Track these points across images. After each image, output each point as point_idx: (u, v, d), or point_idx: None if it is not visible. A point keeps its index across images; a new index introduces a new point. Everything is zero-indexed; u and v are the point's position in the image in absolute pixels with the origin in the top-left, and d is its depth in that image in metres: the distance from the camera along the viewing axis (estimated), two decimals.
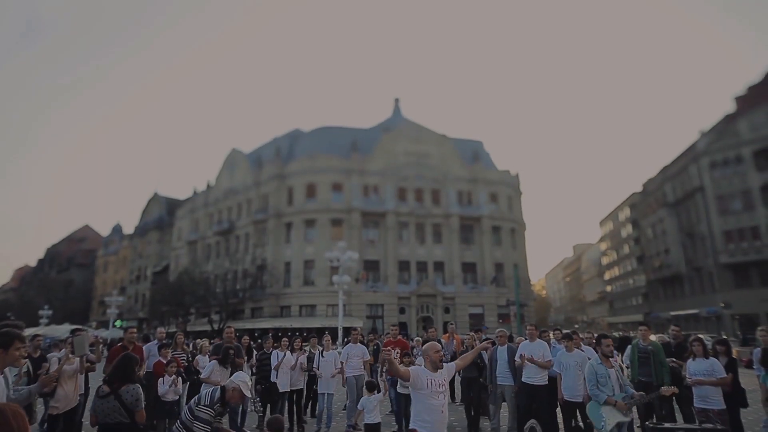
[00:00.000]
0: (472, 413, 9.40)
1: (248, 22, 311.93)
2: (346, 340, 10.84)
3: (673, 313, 53.96)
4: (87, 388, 8.79)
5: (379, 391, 8.22)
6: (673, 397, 8.63)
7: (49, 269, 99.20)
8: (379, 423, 7.71)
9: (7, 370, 3.98)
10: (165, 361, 8.47)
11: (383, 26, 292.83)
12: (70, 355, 7.04)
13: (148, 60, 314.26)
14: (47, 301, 58.62)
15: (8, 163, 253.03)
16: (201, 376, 8.35)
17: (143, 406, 4.39)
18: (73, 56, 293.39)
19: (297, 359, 9.70)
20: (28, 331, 17.15)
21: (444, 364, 4.94)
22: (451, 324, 12.70)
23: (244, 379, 4.62)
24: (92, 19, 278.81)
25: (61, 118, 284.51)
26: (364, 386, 8.18)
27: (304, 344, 10.58)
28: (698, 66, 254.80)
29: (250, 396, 4.64)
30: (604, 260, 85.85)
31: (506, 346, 8.84)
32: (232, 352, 8.17)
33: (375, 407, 7.64)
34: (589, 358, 7.01)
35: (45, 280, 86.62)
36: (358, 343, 10.37)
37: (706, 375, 6.68)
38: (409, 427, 4.78)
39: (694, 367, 6.89)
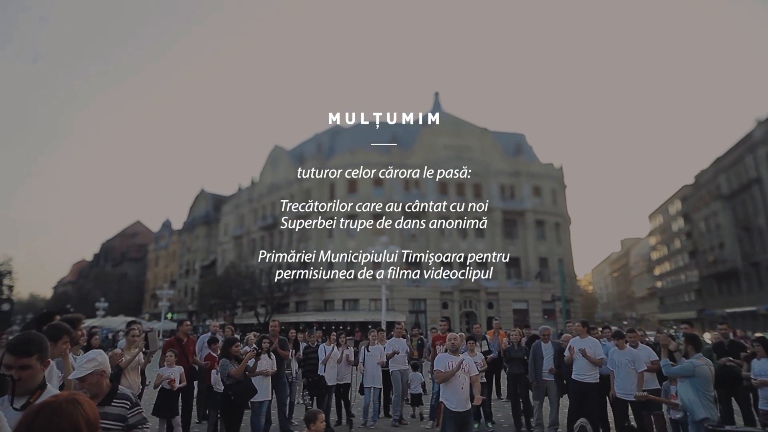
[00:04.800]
0: (522, 407, 9.27)
1: (289, 20, 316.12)
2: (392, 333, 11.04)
3: (728, 310, 51.65)
4: (144, 378, 9.20)
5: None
6: (732, 398, 8.30)
7: (104, 263, 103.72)
8: (420, 393, 10.31)
9: (71, 355, 4.22)
10: (215, 355, 8.68)
11: (423, 20, 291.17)
12: (145, 350, 7.31)
13: (194, 61, 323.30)
14: (103, 293, 61.20)
15: (67, 164, 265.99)
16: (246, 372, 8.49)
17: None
18: (122, 49, 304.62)
19: (343, 353, 9.80)
20: (87, 323, 18.04)
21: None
22: (496, 319, 12.57)
23: (91, 357, 3.47)
24: (133, 12, 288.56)
25: (114, 117, 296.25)
26: (410, 366, 10.47)
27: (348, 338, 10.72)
28: (754, 52, 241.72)
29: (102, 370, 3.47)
30: (654, 255, 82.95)
31: (550, 342, 8.83)
32: (266, 342, 8.26)
33: (418, 382, 10.39)
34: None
35: (101, 274, 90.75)
36: (401, 338, 10.46)
37: None
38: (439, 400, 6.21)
39: (758, 367, 6.61)
